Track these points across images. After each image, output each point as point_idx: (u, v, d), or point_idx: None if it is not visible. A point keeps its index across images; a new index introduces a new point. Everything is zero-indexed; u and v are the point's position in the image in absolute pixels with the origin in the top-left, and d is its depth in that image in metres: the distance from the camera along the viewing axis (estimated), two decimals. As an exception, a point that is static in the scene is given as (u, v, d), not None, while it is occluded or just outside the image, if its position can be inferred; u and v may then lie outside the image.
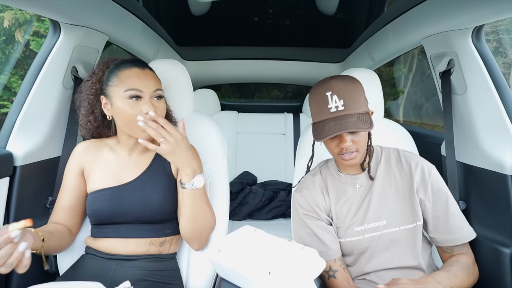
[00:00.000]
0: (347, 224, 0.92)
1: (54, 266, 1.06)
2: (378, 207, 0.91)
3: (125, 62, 0.93)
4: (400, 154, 0.97)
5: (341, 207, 0.93)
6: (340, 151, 0.87)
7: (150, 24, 1.54)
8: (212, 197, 1.07)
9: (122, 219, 0.91)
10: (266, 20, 2.22)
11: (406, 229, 0.90)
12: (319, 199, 0.95)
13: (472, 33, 1.08)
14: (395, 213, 0.90)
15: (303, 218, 0.95)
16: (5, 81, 2.03)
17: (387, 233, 0.89)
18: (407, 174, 0.93)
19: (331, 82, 0.85)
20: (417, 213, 0.90)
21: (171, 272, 0.95)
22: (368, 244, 0.90)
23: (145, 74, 0.91)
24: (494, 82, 1.08)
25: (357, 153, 0.87)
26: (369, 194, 0.93)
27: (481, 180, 1.10)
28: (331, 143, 0.88)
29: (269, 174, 2.18)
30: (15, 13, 2.09)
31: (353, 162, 0.88)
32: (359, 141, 0.86)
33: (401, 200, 0.91)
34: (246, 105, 2.76)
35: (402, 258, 0.89)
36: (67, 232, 0.95)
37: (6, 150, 1.05)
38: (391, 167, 0.95)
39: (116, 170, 0.95)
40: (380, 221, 0.90)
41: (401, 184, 0.93)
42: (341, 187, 0.96)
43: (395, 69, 3.11)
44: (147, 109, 0.85)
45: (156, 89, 0.91)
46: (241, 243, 0.76)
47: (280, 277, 0.64)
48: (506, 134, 1.05)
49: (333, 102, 0.83)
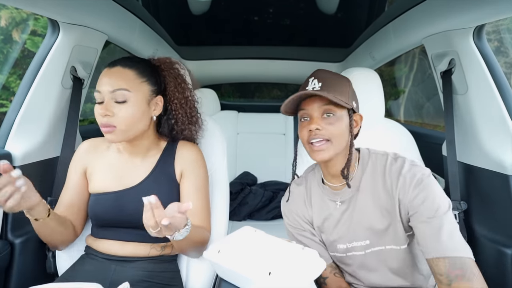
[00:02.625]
0: (330, 239, 0.86)
1: (53, 267, 1.06)
2: (359, 226, 0.82)
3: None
4: (387, 162, 0.81)
5: (323, 222, 0.87)
6: (309, 136, 0.78)
7: (149, 24, 1.54)
8: (212, 197, 1.06)
9: (123, 224, 0.91)
10: (266, 19, 2.21)
11: (392, 249, 0.80)
12: (302, 211, 0.90)
13: (473, 33, 1.08)
14: (378, 233, 0.80)
15: (289, 228, 0.94)
16: (3, 81, 2.03)
17: (371, 252, 0.82)
18: (389, 188, 0.79)
19: (318, 71, 0.83)
20: (401, 237, 0.79)
21: (171, 274, 0.95)
22: (351, 262, 0.85)
23: (110, 72, 0.85)
24: (495, 81, 1.08)
25: (329, 143, 0.77)
26: (350, 211, 0.83)
27: (483, 180, 1.10)
28: (302, 128, 0.80)
29: (269, 174, 2.17)
30: (11, 12, 2.08)
31: (323, 155, 0.77)
32: (333, 129, 0.77)
33: (385, 220, 0.80)
34: (246, 105, 2.76)
35: (390, 278, 0.83)
36: (72, 227, 0.93)
37: (4, 150, 1.04)
38: (376, 178, 0.81)
39: (119, 172, 0.94)
40: (362, 241, 0.82)
41: (384, 200, 0.80)
42: (324, 200, 0.88)
43: (396, 69, 3.10)
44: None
45: (114, 90, 0.83)
46: (241, 243, 0.75)
47: (280, 278, 0.64)
48: (508, 134, 1.04)
49: (311, 84, 0.79)
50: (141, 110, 0.87)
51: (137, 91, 0.86)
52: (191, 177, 0.94)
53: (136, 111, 0.86)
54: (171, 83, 0.97)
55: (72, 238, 0.95)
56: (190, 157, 0.96)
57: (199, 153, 0.99)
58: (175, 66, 1.00)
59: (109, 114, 0.83)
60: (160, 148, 0.99)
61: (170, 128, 1.00)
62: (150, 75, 0.91)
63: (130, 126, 0.86)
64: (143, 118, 0.89)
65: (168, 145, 0.99)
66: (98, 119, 0.85)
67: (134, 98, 0.85)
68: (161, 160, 0.96)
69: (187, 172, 0.95)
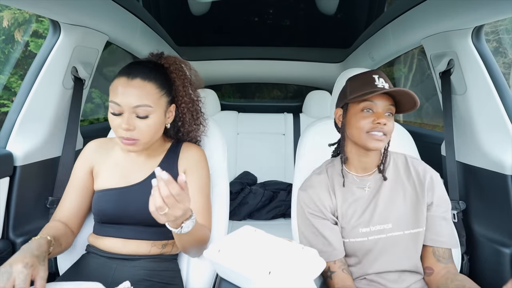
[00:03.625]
0: (352, 224, 0.91)
1: (54, 266, 1.06)
2: (384, 210, 0.91)
3: (123, 67, 0.88)
4: (408, 160, 0.98)
5: (347, 208, 0.93)
6: (373, 127, 0.86)
7: (150, 24, 1.54)
8: (212, 197, 1.07)
9: (126, 220, 0.91)
10: (266, 20, 2.22)
11: (410, 233, 0.90)
12: (325, 198, 0.94)
13: (472, 33, 1.08)
14: (401, 217, 0.90)
15: (309, 217, 0.94)
16: (4, 81, 2.04)
17: (392, 236, 0.89)
18: (415, 180, 0.93)
19: (379, 71, 0.91)
20: (421, 219, 0.90)
21: (172, 273, 0.95)
22: (371, 247, 0.90)
23: (130, 85, 0.83)
24: (494, 82, 1.08)
25: (385, 137, 0.87)
26: (377, 196, 0.92)
27: (481, 180, 1.10)
28: (364, 119, 0.88)
29: (269, 174, 2.18)
30: (14, 13, 2.09)
31: (379, 144, 0.87)
32: (390, 128, 0.88)
33: (407, 205, 0.91)
34: (246, 105, 2.76)
35: (403, 262, 0.89)
36: (70, 234, 0.93)
37: (6, 150, 1.05)
38: (399, 172, 0.96)
39: (124, 170, 0.95)
40: (385, 224, 0.90)
41: (408, 190, 0.93)
42: (348, 187, 0.95)
43: (395, 69, 3.11)
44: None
45: (137, 106, 0.83)
46: (241, 243, 0.76)
47: (280, 277, 0.64)
48: (506, 134, 1.05)
49: (380, 82, 0.87)
50: (160, 122, 0.89)
51: (158, 106, 0.87)
52: (195, 176, 0.95)
53: (156, 123, 0.88)
54: (180, 87, 0.97)
55: (71, 243, 0.94)
56: (194, 158, 0.98)
57: (203, 154, 1.01)
58: (182, 67, 1.00)
59: (131, 129, 0.84)
60: (165, 148, 1.00)
61: (176, 130, 1.02)
62: (167, 85, 0.91)
63: (151, 138, 0.89)
64: (161, 129, 0.92)
65: (173, 146, 1.01)
66: (118, 132, 0.85)
67: (155, 113, 0.87)
68: (165, 159, 0.97)
69: (190, 171, 0.96)
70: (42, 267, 0.70)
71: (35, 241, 0.75)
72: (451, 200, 1.09)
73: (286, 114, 2.34)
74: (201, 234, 0.86)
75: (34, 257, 0.69)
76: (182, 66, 1.00)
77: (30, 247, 0.72)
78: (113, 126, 0.86)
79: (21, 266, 0.66)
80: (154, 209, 0.67)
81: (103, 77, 2.11)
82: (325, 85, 2.47)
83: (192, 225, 0.76)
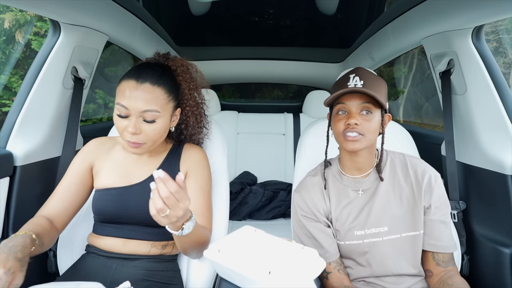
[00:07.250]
0: (347, 227, 0.90)
1: (54, 266, 1.06)
2: (380, 213, 0.89)
3: (132, 69, 0.87)
4: (406, 160, 0.95)
5: (341, 211, 0.91)
6: (346, 128, 0.85)
7: (150, 24, 1.54)
8: (213, 197, 1.07)
9: (126, 220, 0.91)
10: (266, 20, 2.22)
11: (408, 236, 0.88)
12: (318, 201, 0.93)
13: (472, 33, 1.08)
14: (397, 220, 0.88)
15: (301, 219, 0.94)
16: (5, 81, 2.04)
17: (389, 240, 0.88)
18: (412, 181, 0.91)
19: (358, 69, 0.89)
20: (419, 222, 0.88)
21: (172, 273, 0.95)
22: (367, 249, 0.89)
23: (139, 89, 0.82)
24: (494, 82, 1.08)
25: (362, 137, 0.84)
26: (372, 199, 0.90)
27: (481, 180, 1.10)
28: (339, 121, 0.87)
29: (269, 174, 2.18)
30: (15, 14, 2.10)
31: (355, 145, 0.85)
32: (368, 126, 0.84)
33: (404, 207, 0.89)
34: (246, 105, 2.76)
35: (402, 266, 0.88)
36: (55, 233, 0.87)
37: (6, 150, 1.05)
38: (396, 172, 0.93)
39: (125, 169, 0.95)
40: (381, 227, 0.88)
41: (405, 191, 0.90)
42: (343, 189, 0.93)
43: (395, 69, 3.11)
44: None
45: (146, 110, 0.82)
46: (241, 243, 0.76)
47: (280, 277, 0.64)
48: (506, 134, 1.05)
49: (353, 81, 0.85)
50: (166, 126, 0.90)
51: (165, 111, 0.88)
52: (196, 177, 0.95)
53: (162, 128, 0.88)
54: (185, 90, 0.97)
55: (53, 243, 0.86)
56: (195, 158, 0.98)
57: (204, 155, 1.01)
58: (189, 69, 1.00)
59: (138, 133, 0.84)
60: (167, 148, 1.00)
61: (179, 133, 1.02)
62: (174, 90, 0.91)
63: (156, 142, 0.89)
64: (166, 132, 0.92)
65: (174, 147, 1.01)
66: (124, 135, 0.85)
67: (162, 117, 0.87)
68: (167, 160, 0.98)
69: (192, 172, 0.96)
70: (20, 273, 0.65)
71: (21, 238, 0.71)
72: (451, 200, 1.10)
73: (286, 114, 2.35)
74: (201, 235, 0.86)
75: (17, 262, 0.65)
76: (188, 68, 1.00)
77: (15, 245, 0.68)
78: (118, 127, 0.86)
79: (2, 272, 0.62)
80: (155, 212, 0.66)
81: (103, 77, 2.11)
82: (325, 85, 2.47)
83: (192, 226, 0.76)
